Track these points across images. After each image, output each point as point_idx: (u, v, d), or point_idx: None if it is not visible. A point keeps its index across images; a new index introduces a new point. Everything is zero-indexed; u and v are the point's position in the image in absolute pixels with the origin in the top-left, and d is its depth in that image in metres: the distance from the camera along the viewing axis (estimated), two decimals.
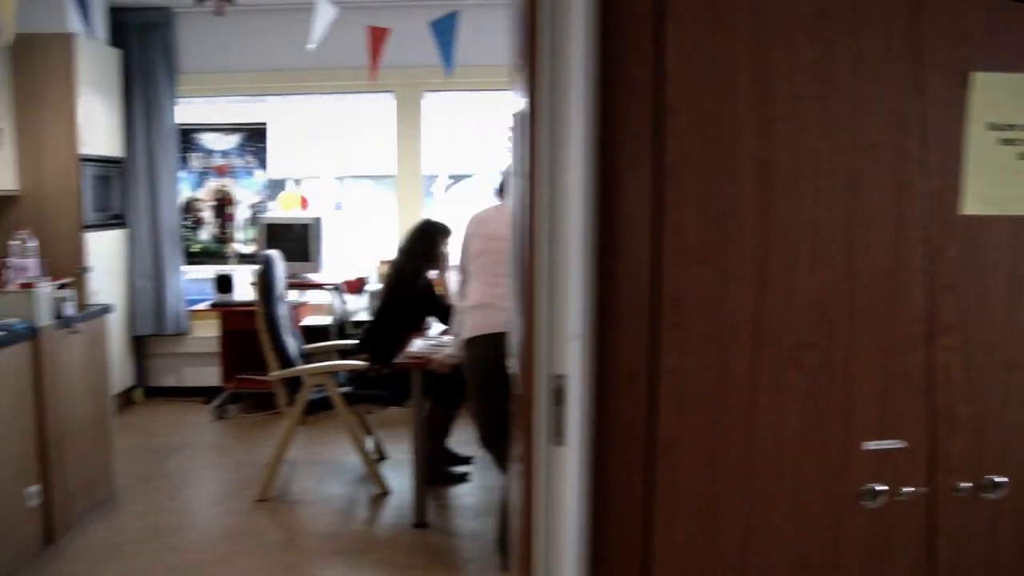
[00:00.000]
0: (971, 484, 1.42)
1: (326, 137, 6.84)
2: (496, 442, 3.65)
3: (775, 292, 1.38)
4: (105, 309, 4.56)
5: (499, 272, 3.56)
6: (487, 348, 3.51)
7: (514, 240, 2.49)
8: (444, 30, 4.16)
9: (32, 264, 4.05)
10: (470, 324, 3.62)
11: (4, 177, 5.01)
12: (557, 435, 1.41)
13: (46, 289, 3.96)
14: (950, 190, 1.42)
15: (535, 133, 1.42)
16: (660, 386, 1.37)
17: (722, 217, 1.37)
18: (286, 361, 4.42)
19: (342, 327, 6.11)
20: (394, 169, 6.70)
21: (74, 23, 5.53)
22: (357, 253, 6.76)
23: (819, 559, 1.41)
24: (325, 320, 6.11)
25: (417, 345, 4.24)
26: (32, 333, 3.80)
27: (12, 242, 4.03)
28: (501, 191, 3.88)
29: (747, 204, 1.37)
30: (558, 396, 1.41)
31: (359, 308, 6.37)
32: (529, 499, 1.45)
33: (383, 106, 6.66)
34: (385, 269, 6.16)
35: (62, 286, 4.09)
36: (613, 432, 1.41)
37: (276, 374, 4.34)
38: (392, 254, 5.98)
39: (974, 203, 1.44)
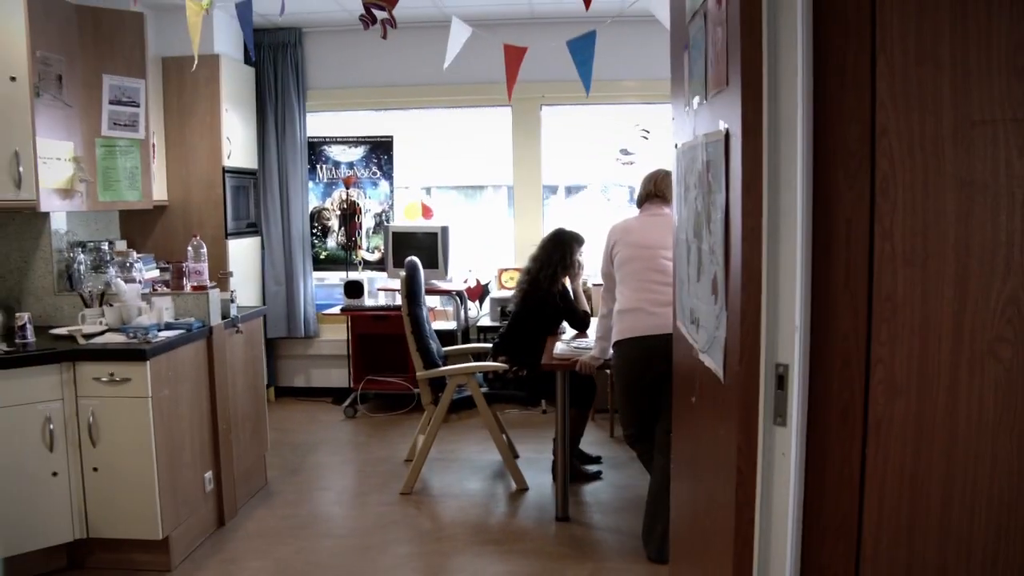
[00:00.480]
0: None
1: (447, 148, 7.17)
2: (642, 438, 3.86)
3: (973, 292, 1.56)
4: (261, 311, 4.93)
5: (647, 278, 3.77)
6: (638, 350, 3.73)
7: (677, 246, 2.71)
8: (582, 49, 4.38)
9: (204, 268, 4.42)
10: (620, 327, 3.84)
11: (156, 188, 5.45)
12: (779, 416, 1.63)
13: (216, 291, 4.32)
14: None
15: (754, 151, 1.64)
16: (872, 373, 1.57)
17: (926, 226, 1.56)
18: (431, 362, 4.70)
19: (466, 332, 6.40)
20: (510, 180, 6.98)
21: (218, 45, 5.97)
22: (475, 261, 7.05)
23: (1015, 528, 1.58)
24: (450, 325, 6.41)
25: (559, 348, 4.48)
26: (207, 332, 4.17)
27: (188, 246, 4.41)
28: (642, 202, 4.09)
29: (948, 214, 1.56)
30: (780, 382, 1.62)
31: (481, 314, 6.65)
32: (750, 475, 1.67)
33: (499, 118, 6.94)
34: (509, 276, 6.44)
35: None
36: (829, 414, 1.61)
37: (423, 374, 4.63)
38: (513, 262, 6.25)
39: None
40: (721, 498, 1.89)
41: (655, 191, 4.01)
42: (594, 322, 4.94)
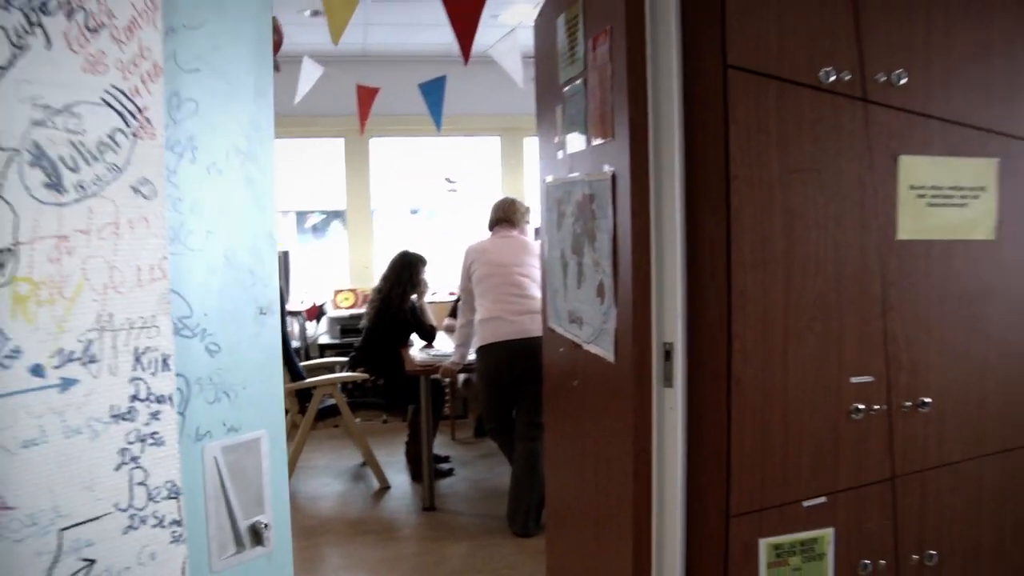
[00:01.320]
0: (911, 403, 2.33)
1: (284, 176, 7.46)
2: (503, 431, 4.43)
3: (795, 286, 2.25)
4: None
5: (505, 292, 4.36)
6: (501, 353, 4.30)
7: (550, 262, 3.31)
8: (433, 90, 4.92)
9: None
10: (483, 334, 4.40)
11: None
12: (668, 381, 2.24)
13: None
14: (890, 224, 2.33)
15: (641, 189, 2.25)
16: (732, 346, 2.21)
17: (763, 241, 2.23)
18: (296, 375, 5.05)
19: (307, 349, 6.72)
20: (343, 205, 7.38)
21: None
22: (312, 283, 7.39)
23: (827, 452, 2.28)
24: (295, 343, 6.71)
25: (419, 357, 4.97)
26: None
27: None
28: (493, 226, 4.68)
29: (776, 234, 2.24)
30: (668, 355, 2.24)
31: (319, 332, 6.99)
32: (645, 429, 2.27)
33: (332, 148, 7.34)
34: (344, 297, 6.84)
35: None
36: (703, 377, 2.24)
37: (291, 386, 4.96)
38: (347, 283, 6.67)
39: (903, 232, 2.35)
40: (618, 452, 2.48)
41: (504, 217, 4.61)
42: (441, 335, 5.47)
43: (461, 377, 5.70)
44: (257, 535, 1.84)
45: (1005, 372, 2.44)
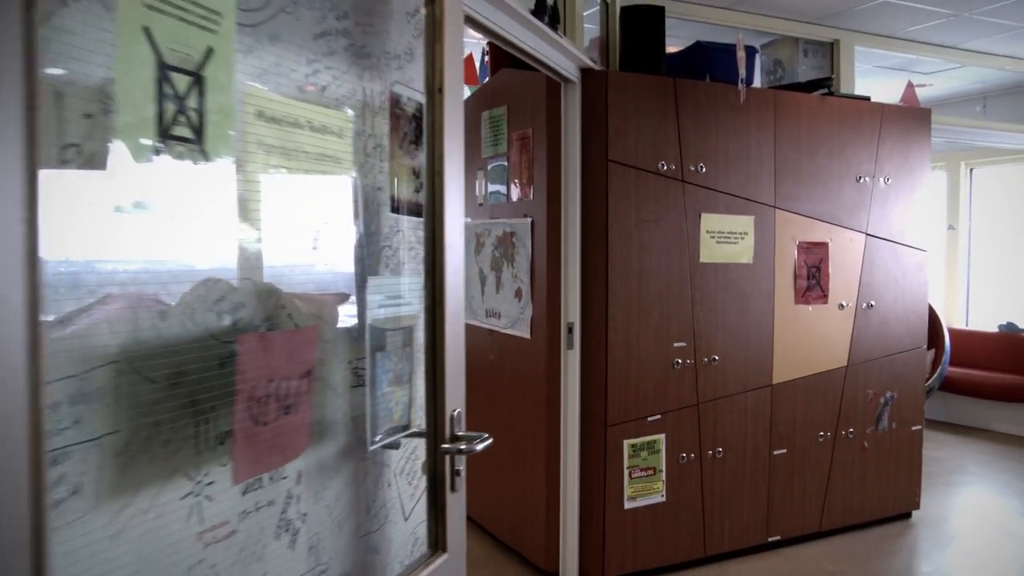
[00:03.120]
0: (707, 359, 3.95)
1: None
2: None
3: (644, 286, 3.81)
4: None
5: None
6: None
7: (469, 279, 4.71)
8: None
9: None
10: None
11: None
12: (570, 345, 3.72)
13: None
14: (696, 253, 3.95)
15: (556, 231, 3.74)
16: (608, 324, 3.73)
17: (627, 262, 3.77)
18: None
19: None
20: None
21: None
22: None
23: (660, 388, 3.84)
24: None
25: None
26: None
27: None
28: None
29: (633, 258, 3.79)
30: (570, 330, 3.72)
31: None
32: (555, 377, 3.74)
33: None
34: None
35: None
36: (591, 343, 3.74)
37: None
38: None
39: (703, 258, 3.98)
40: (532, 394, 3.94)
41: None
42: None
43: None
44: None
45: (756, 342, 4.12)
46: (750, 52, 4.23)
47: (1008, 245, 7.69)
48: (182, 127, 1.09)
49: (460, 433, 1.75)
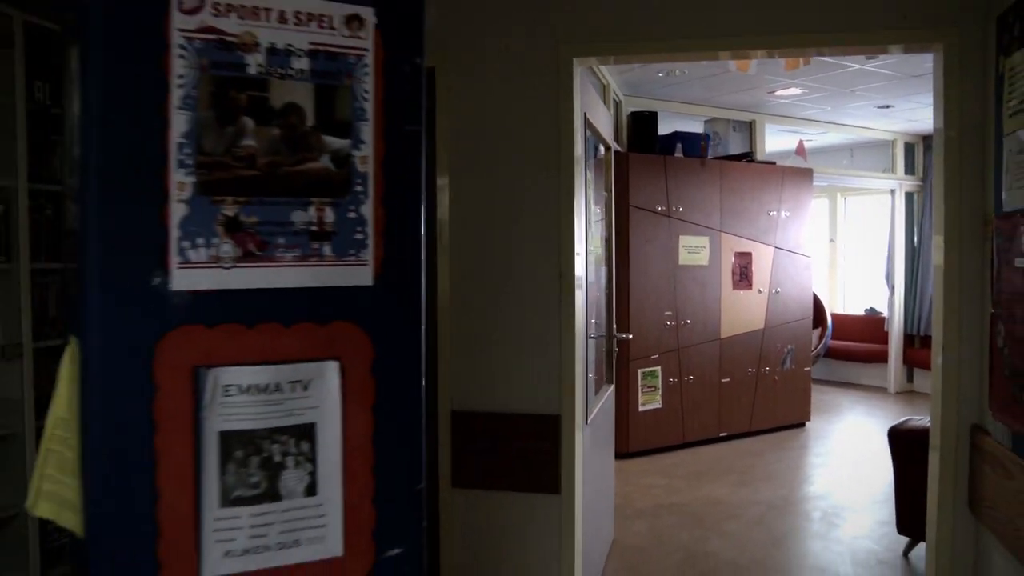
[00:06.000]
0: (683, 321, 6.61)
1: None
2: None
3: (650, 283, 6.44)
4: None
5: None
6: None
7: None
8: None
9: None
10: None
11: None
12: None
13: None
14: (677, 259, 6.60)
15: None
16: (630, 302, 6.35)
17: (638, 263, 6.40)
18: None
19: None
20: None
21: None
22: None
23: (657, 338, 6.48)
24: None
25: None
26: None
27: None
28: None
29: (642, 261, 6.42)
30: None
31: None
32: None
33: None
34: None
35: None
36: (620, 315, 6.37)
37: None
38: None
39: (681, 261, 6.63)
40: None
41: None
42: None
43: None
44: None
45: (711, 312, 6.79)
46: (705, 139, 6.93)
47: (869, 252, 10.64)
48: None
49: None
